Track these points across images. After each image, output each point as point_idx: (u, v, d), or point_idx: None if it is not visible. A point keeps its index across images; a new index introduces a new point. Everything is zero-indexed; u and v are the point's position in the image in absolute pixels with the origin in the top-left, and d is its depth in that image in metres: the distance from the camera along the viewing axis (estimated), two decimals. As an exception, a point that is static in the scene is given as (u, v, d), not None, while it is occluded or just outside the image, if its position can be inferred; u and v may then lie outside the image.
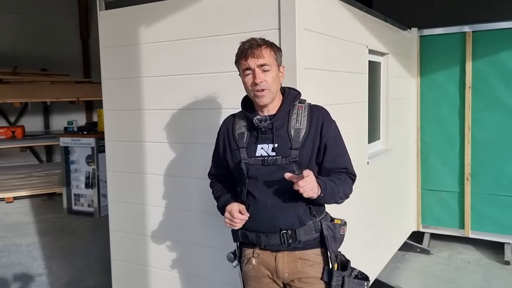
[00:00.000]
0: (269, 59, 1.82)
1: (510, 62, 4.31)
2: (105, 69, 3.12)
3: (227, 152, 1.97)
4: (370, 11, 3.45)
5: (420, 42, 4.70)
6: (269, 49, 1.84)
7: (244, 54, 1.82)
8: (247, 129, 1.93)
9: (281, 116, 1.87)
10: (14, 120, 9.75)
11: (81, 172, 6.40)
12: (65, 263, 4.48)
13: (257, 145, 1.88)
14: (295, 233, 1.84)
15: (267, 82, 1.81)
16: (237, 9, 2.52)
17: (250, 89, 1.84)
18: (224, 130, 2.02)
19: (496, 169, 4.45)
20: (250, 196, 1.88)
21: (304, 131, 1.85)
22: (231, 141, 1.95)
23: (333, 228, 1.88)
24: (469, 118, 4.50)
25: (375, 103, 3.82)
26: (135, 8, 2.92)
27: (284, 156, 1.83)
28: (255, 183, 1.86)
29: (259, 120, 1.85)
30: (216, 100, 2.64)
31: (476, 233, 4.59)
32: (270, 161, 1.84)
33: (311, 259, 1.88)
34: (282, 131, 1.86)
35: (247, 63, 1.81)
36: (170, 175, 2.87)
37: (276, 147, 1.84)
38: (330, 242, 1.86)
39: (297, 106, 1.91)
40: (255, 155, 1.87)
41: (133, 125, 3.00)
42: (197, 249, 2.83)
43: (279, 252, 1.88)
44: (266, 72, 1.81)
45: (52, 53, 9.70)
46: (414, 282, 3.98)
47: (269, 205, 1.84)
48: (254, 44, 1.82)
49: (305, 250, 1.88)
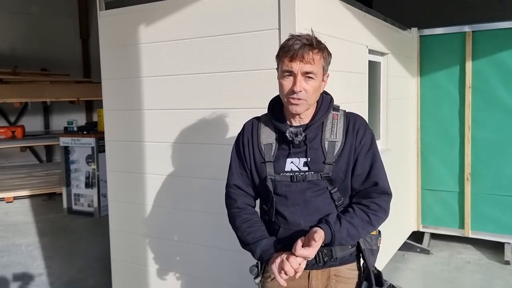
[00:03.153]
0: (317, 67, 1.59)
1: (510, 62, 4.31)
2: (105, 69, 3.12)
3: (252, 165, 1.73)
4: (370, 11, 3.45)
5: (420, 42, 4.70)
6: (320, 54, 1.60)
7: (290, 54, 1.56)
8: (276, 140, 1.70)
9: (315, 127, 1.66)
10: (14, 120, 9.75)
11: (81, 172, 6.40)
12: (65, 263, 4.48)
13: (285, 158, 1.66)
14: (331, 252, 1.66)
15: (306, 92, 1.58)
16: (237, 9, 2.52)
17: (285, 94, 1.61)
18: (245, 138, 1.76)
19: (496, 169, 4.45)
20: (280, 216, 1.68)
21: (339, 144, 1.66)
22: (256, 153, 1.72)
23: (370, 240, 1.73)
24: (469, 118, 4.50)
25: (375, 103, 3.82)
26: (135, 8, 2.92)
27: (316, 171, 1.64)
28: (284, 202, 1.67)
29: (294, 133, 1.62)
30: (216, 100, 2.64)
31: (476, 233, 4.59)
32: (300, 177, 1.64)
33: (346, 275, 1.74)
34: (315, 142, 1.66)
35: (291, 65, 1.57)
36: (170, 175, 2.87)
37: (309, 162, 1.64)
38: (368, 256, 1.71)
39: (332, 114, 1.71)
40: (284, 170, 1.66)
41: (133, 125, 3.00)
42: (197, 249, 2.83)
43: (313, 269, 1.71)
44: (309, 80, 1.58)
45: (52, 53, 9.70)
46: (414, 282, 3.98)
47: (302, 227, 1.64)
48: (306, 44, 1.56)
49: (340, 266, 1.72)
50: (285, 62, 1.58)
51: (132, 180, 3.05)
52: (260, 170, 1.71)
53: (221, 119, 2.61)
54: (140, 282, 3.09)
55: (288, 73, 1.59)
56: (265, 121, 1.75)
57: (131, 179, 3.05)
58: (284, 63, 1.59)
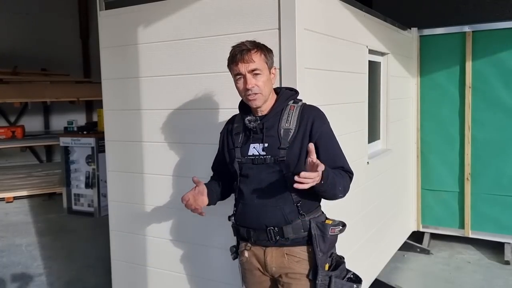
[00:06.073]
0: (260, 63, 1.85)
1: (510, 62, 4.31)
2: (105, 69, 3.12)
3: (225, 150, 2.04)
4: (370, 11, 3.45)
5: (420, 42, 4.70)
6: (259, 53, 1.86)
7: (234, 60, 1.85)
8: (242, 129, 1.98)
9: (272, 116, 1.91)
10: (14, 120, 9.75)
11: (81, 172, 6.40)
12: (65, 263, 4.48)
13: (249, 144, 1.93)
14: (282, 230, 1.88)
15: (258, 86, 1.84)
16: (237, 9, 2.52)
17: (243, 94, 1.89)
18: (225, 129, 2.09)
19: (496, 169, 4.45)
20: (241, 193, 1.96)
21: (293, 131, 1.88)
22: (229, 140, 2.02)
23: (322, 228, 1.88)
24: (469, 118, 4.50)
25: (375, 103, 3.83)
26: (135, 8, 2.92)
27: (273, 155, 1.87)
28: (246, 181, 1.93)
29: (249, 120, 1.92)
30: (215, 100, 2.64)
31: (476, 233, 4.59)
32: (259, 160, 1.89)
33: (298, 255, 1.91)
34: (273, 131, 1.90)
35: (238, 68, 1.84)
36: (170, 175, 2.87)
37: (266, 147, 1.89)
38: (318, 241, 1.87)
39: (289, 106, 1.94)
40: (247, 154, 1.92)
41: (133, 125, 3.00)
42: (197, 249, 2.83)
43: (268, 247, 1.93)
44: (257, 76, 1.84)
45: (52, 53, 9.70)
46: (414, 282, 3.98)
47: (255, 203, 1.91)
48: (244, 49, 1.84)
49: (292, 247, 1.91)
50: (233, 68, 1.87)
51: (132, 180, 3.05)
52: (230, 154, 2.00)
53: (221, 119, 2.61)
54: (140, 282, 3.09)
55: (238, 76, 1.87)
56: (238, 116, 2.05)
57: (131, 179, 3.05)
58: (233, 69, 1.88)
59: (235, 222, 2.02)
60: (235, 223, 2.02)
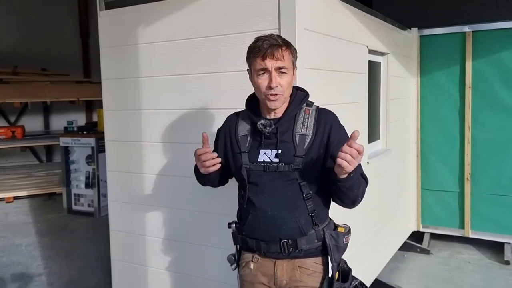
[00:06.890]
0: (288, 62, 1.71)
1: (510, 62, 4.31)
2: (105, 69, 3.12)
3: (229, 154, 1.88)
4: (370, 11, 3.45)
5: (420, 42, 4.70)
6: (288, 51, 1.72)
7: (262, 53, 1.67)
8: (250, 132, 1.82)
9: (286, 120, 1.76)
10: (14, 120, 9.74)
11: (81, 172, 6.40)
12: (65, 263, 4.48)
13: (259, 150, 1.77)
14: (296, 243, 1.76)
15: (282, 86, 1.69)
16: (237, 9, 2.52)
17: (263, 91, 1.71)
18: (226, 130, 1.91)
19: (496, 169, 4.45)
20: (250, 203, 1.80)
21: (309, 138, 1.75)
22: (233, 143, 1.85)
23: (336, 237, 1.80)
24: (469, 118, 4.50)
25: (375, 103, 3.82)
26: (135, 8, 2.91)
27: (287, 163, 1.73)
28: (255, 189, 1.78)
29: (263, 125, 1.74)
30: (216, 100, 2.64)
31: (476, 233, 4.59)
32: (271, 168, 1.74)
33: (311, 268, 1.81)
34: (287, 136, 1.76)
35: (264, 63, 1.68)
36: (170, 175, 2.87)
37: (280, 154, 1.74)
38: (333, 251, 1.77)
39: (304, 109, 1.80)
40: (257, 160, 1.77)
41: (133, 125, 3.00)
42: (197, 249, 2.83)
43: (279, 259, 1.81)
44: (283, 75, 1.70)
45: (52, 53, 9.69)
46: (414, 282, 3.98)
47: (269, 215, 1.76)
48: (276, 44, 1.68)
49: (305, 259, 1.80)
50: (257, 62, 1.69)
51: (132, 180, 3.05)
52: (236, 159, 1.83)
53: (222, 119, 2.60)
54: (140, 282, 3.09)
55: (262, 71, 1.70)
56: (243, 116, 1.89)
57: (131, 179, 3.05)
58: (257, 63, 1.70)
59: (242, 233, 1.85)
60: (242, 234, 1.85)
